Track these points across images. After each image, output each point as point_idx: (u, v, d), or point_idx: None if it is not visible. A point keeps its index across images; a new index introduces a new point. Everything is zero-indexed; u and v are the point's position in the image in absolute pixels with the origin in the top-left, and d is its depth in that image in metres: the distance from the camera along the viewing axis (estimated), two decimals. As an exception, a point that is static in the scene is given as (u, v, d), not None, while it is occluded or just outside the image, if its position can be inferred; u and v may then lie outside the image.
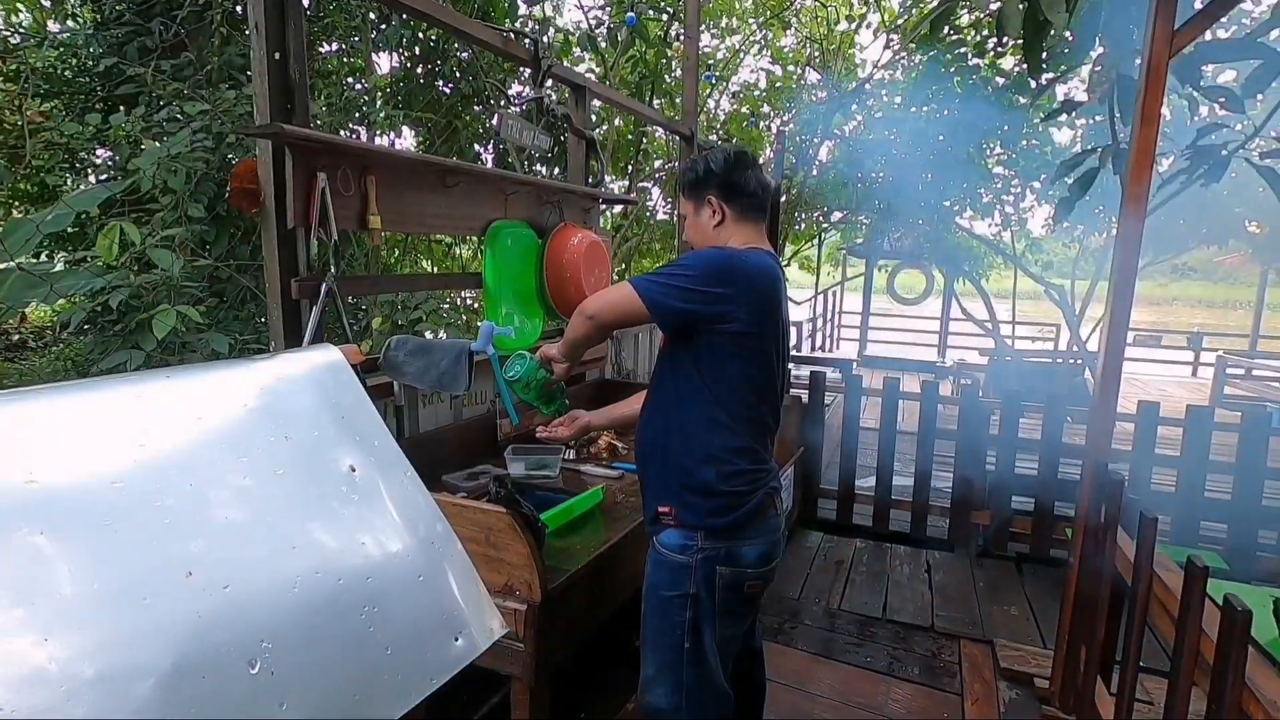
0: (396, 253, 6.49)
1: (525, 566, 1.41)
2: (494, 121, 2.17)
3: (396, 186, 1.88)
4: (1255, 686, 1.16)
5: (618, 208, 6.79)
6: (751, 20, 8.34)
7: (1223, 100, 2.75)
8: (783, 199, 8.61)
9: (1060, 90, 5.78)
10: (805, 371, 4.71)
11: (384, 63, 5.75)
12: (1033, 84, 5.01)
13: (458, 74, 5.42)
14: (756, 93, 8.49)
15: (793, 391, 3.91)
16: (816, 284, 9.95)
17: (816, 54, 8.32)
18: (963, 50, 6.01)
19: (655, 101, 6.76)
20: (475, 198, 2.17)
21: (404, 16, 4.11)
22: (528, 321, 2.43)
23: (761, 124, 8.62)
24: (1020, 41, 2.97)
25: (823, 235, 9.91)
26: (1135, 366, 10.75)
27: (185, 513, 0.55)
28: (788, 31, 8.85)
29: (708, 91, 8.30)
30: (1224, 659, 1.19)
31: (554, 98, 2.52)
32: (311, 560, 0.59)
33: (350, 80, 5.54)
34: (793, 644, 2.71)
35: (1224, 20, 4.64)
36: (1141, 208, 2.05)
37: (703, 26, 8.24)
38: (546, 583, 1.45)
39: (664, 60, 6.38)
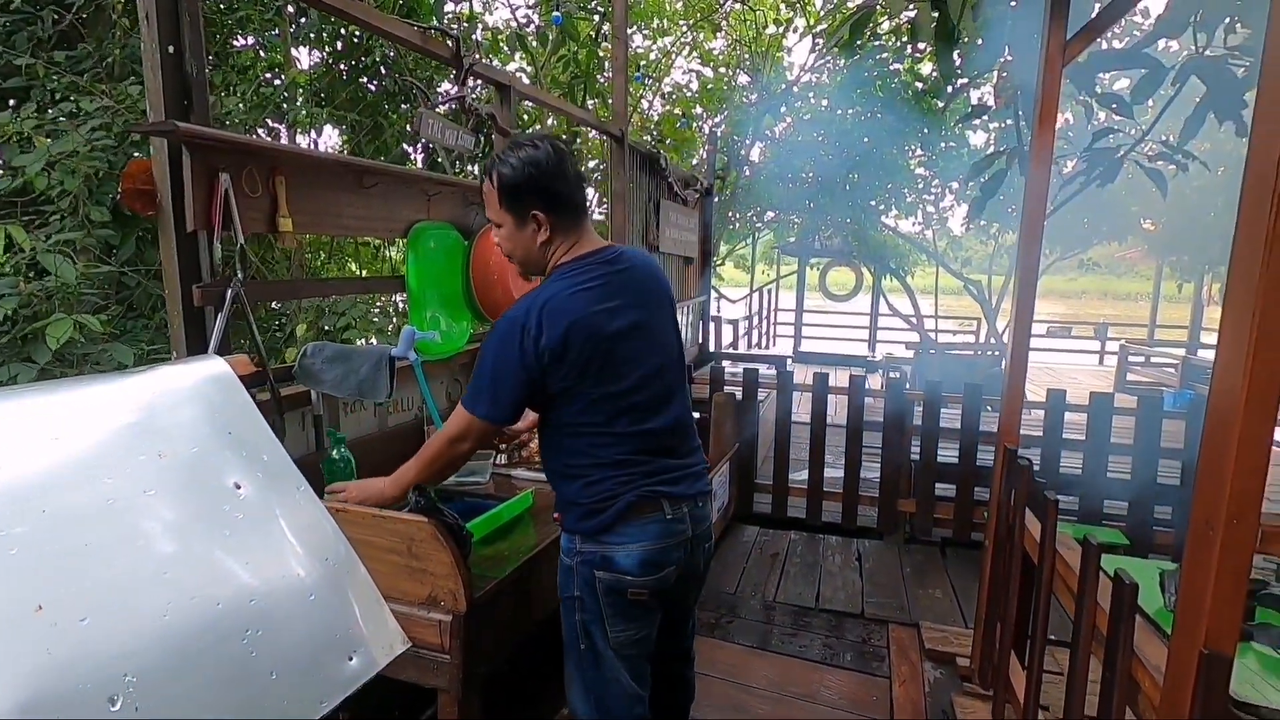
0: (323, 256, 6.26)
1: (449, 576, 1.38)
2: (413, 122, 2.11)
3: (309, 187, 1.81)
4: (1142, 654, 1.25)
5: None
6: (681, 22, 8.42)
7: (1115, 106, 2.94)
8: (716, 199, 8.75)
9: (975, 95, 6.07)
10: (744, 369, 4.79)
11: (305, 58, 5.53)
12: (949, 89, 5.25)
13: (383, 70, 5.26)
14: (688, 94, 8.59)
15: (727, 389, 3.98)
16: (751, 282, 10.14)
17: (746, 57, 8.47)
18: (884, 55, 6.23)
19: (590, 102, 6.74)
20: (395, 199, 2.11)
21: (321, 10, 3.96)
22: (454, 324, 2.38)
23: (694, 125, 8.73)
24: (933, 48, 3.09)
25: (756, 234, 10.11)
26: (1050, 356, 11.39)
27: (36, 542, 0.50)
28: (718, 34, 8.98)
29: (640, 92, 8.35)
30: (1115, 629, 1.28)
31: (477, 97, 2.48)
32: (185, 585, 0.55)
33: (269, 76, 5.30)
34: (730, 638, 2.75)
35: (1117, 31, 4.97)
36: (1041, 206, 2.17)
37: (633, 28, 8.29)
38: (472, 591, 1.42)
39: (596, 60, 6.37)
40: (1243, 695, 1.12)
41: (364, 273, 5.90)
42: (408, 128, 5.20)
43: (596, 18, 6.26)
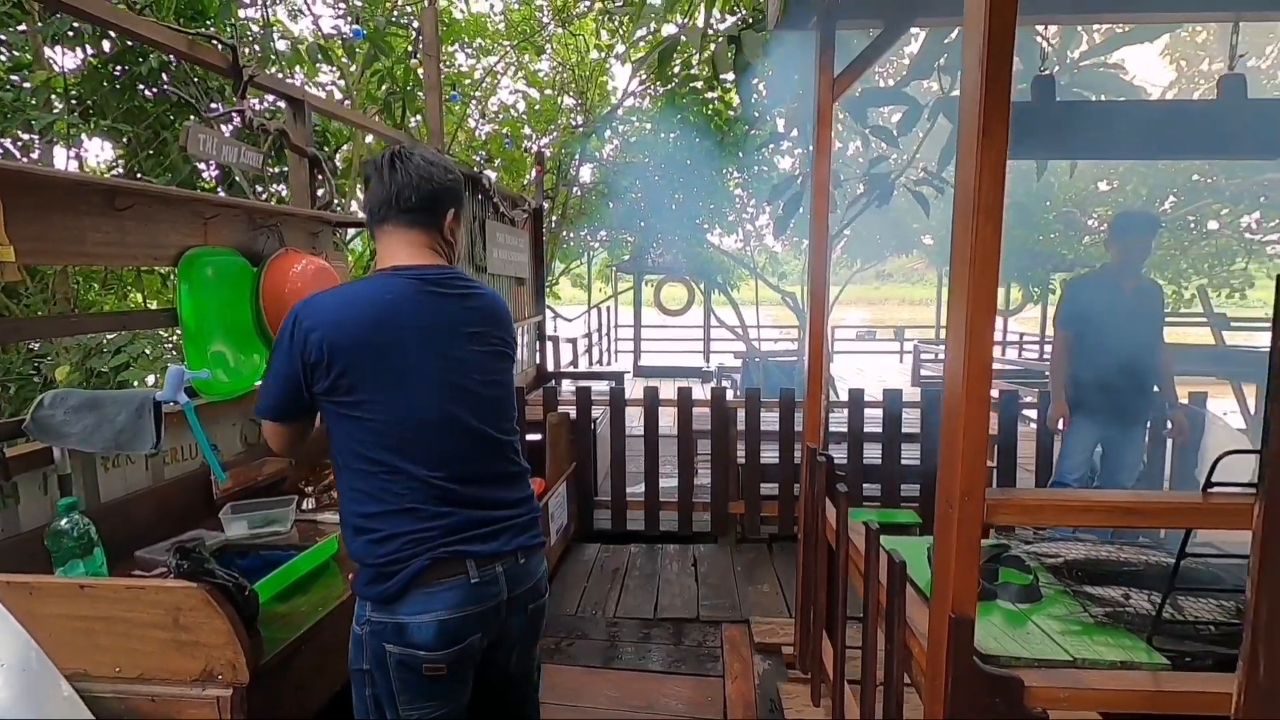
0: (95, 287, 5.45)
1: (226, 645, 1.23)
2: (180, 136, 1.89)
3: (37, 209, 1.55)
4: (913, 623, 1.40)
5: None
6: (505, 43, 8.40)
7: (882, 138, 3.35)
8: (551, 219, 8.80)
9: (781, 123, 6.63)
10: (576, 388, 4.81)
11: (64, 59, 4.80)
12: (756, 116, 5.69)
13: (164, 78, 4.69)
14: (515, 114, 8.57)
15: (562, 408, 3.97)
16: (589, 300, 10.27)
17: (570, 80, 8.62)
18: (697, 84, 6.61)
19: (413, 119, 6.49)
20: (159, 222, 1.87)
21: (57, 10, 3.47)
22: (244, 359, 2.16)
23: (522, 145, 8.72)
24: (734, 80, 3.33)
25: (591, 253, 10.28)
26: (861, 358, 12.67)
27: None
28: (542, 56, 9.07)
29: (465, 111, 8.19)
30: (890, 604, 1.42)
31: (257, 109, 2.28)
32: None
33: (17, 79, 4.54)
34: (572, 661, 2.72)
35: (890, 71, 5.66)
36: (824, 225, 2.40)
37: (454, 46, 8.13)
38: (258, 658, 1.27)
39: (415, 77, 6.16)
40: (988, 649, 1.29)
41: (155, 304, 5.22)
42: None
43: (415, 33, 6.06)
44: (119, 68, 4.67)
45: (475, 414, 1.29)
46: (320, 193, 2.74)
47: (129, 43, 4.50)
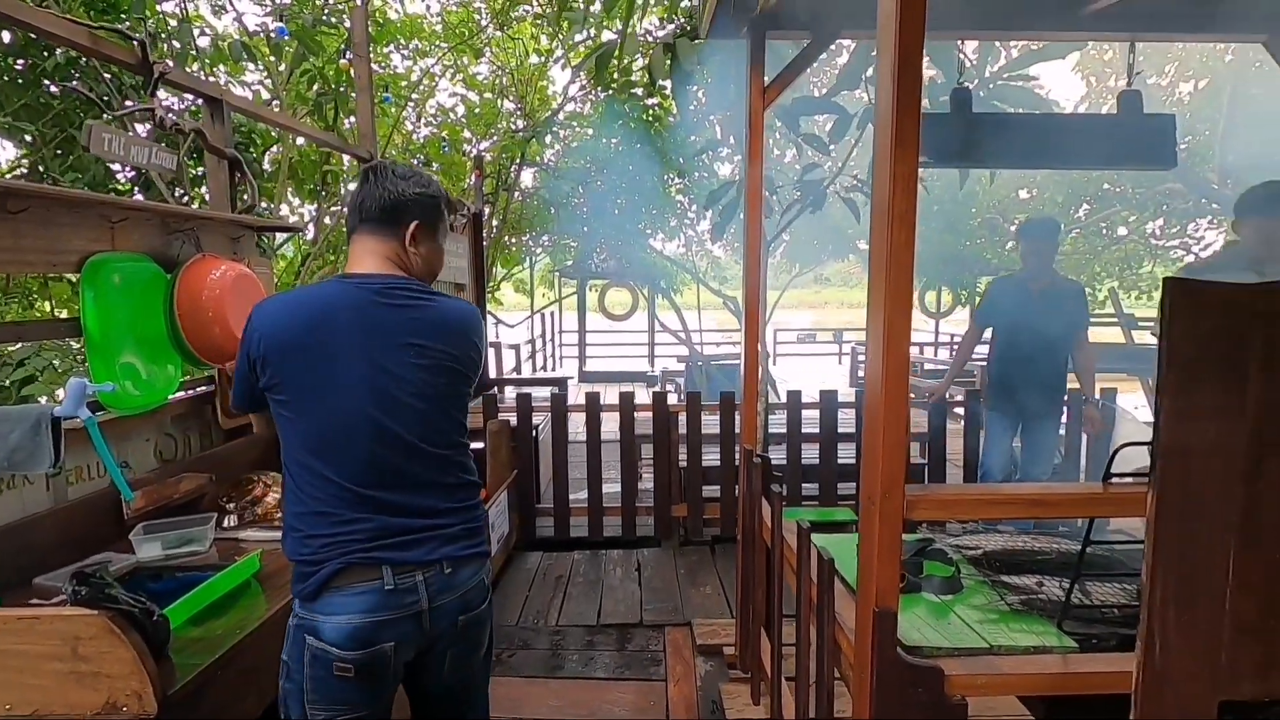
0: (-3, 295, 5.10)
1: (131, 675, 1.16)
2: (82, 136, 1.78)
3: (-84, 213, 1.43)
4: (842, 619, 1.43)
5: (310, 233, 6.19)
6: (441, 44, 8.26)
7: (814, 146, 3.44)
8: (492, 224, 8.68)
9: (719, 129, 6.72)
10: (536, 393, 4.76)
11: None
12: (696, 122, 5.76)
13: (74, 73, 4.42)
14: (453, 118, 8.43)
15: (503, 416, 3.92)
16: (531, 305, 10.19)
17: (508, 84, 8.54)
18: (637, 90, 6.65)
19: (349, 121, 6.29)
20: (59, 226, 1.76)
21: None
22: (157, 370, 2.04)
23: (465, 149, 8.58)
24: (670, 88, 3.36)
25: (533, 258, 10.20)
26: (804, 361, 12.96)
27: None
28: (481, 60, 8.95)
29: (402, 114, 8.01)
30: (820, 600, 1.45)
31: (177, 109, 2.17)
32: None
33: (-103, 71, 4.22)
34: (514, 672, 2.68)
35: (823, 80, 5.81)
36: (758, 230, 2.44)
37: (390, 47, 7.95)
38: (167, 687, 1.21)
39: (348, 77, 5.98)
40: (912, 641, 1.33)
41: (63, 312, 4.90)
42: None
43: (348, 32, 5.88)
44: (20, 61, 4.39)
45: (404, 425, 1.28)
46: (245, 197, 2.64)
47: (32, 35, 4.24)
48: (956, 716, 1.21)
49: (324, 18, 5.07)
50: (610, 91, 6.65)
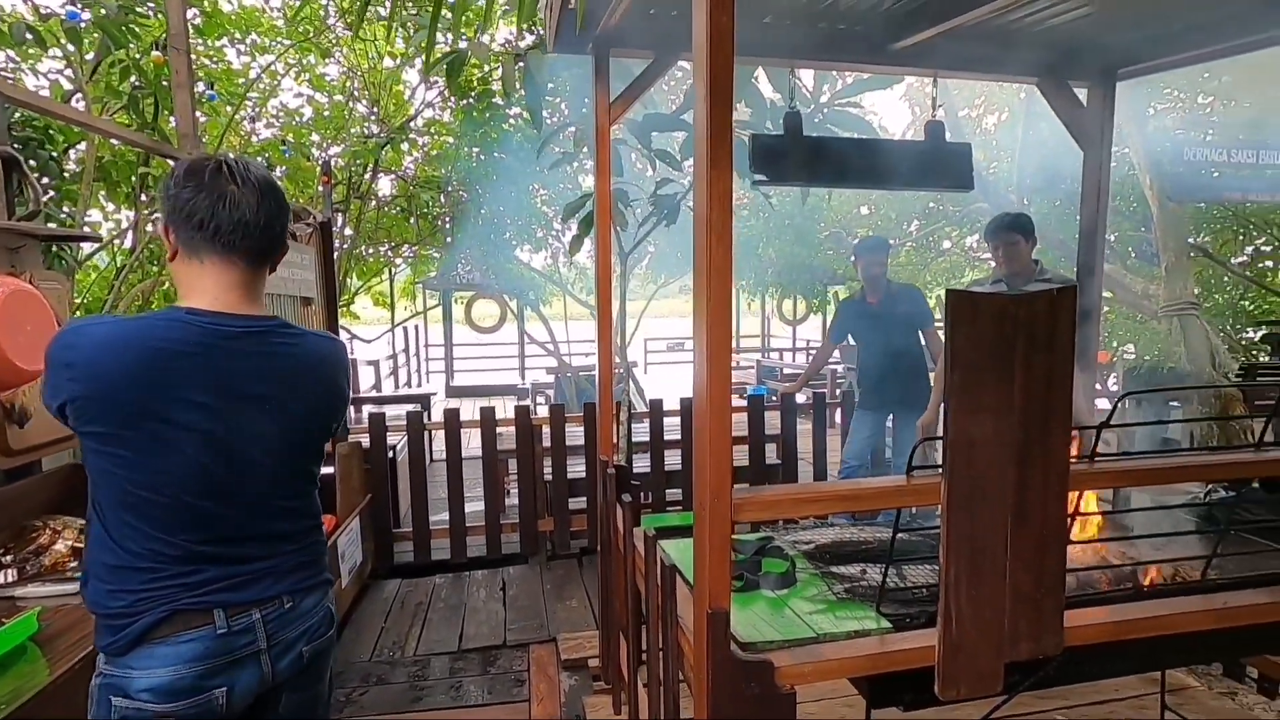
0: None
1: None
2: None
3: None
4: (684, 622, 1.47)
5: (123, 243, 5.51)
6: (284, 41, 7.70)
7: (666, 161, 3.55)
8: (345, 234, 8.18)
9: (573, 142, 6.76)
10: (394, 411, 4.51)
11: None
12: (555, 133, 5.76)
13: None
14: (299, 120, 7.88)
15: (355, 438, 3.69)
16: (392, 319, 9.71)
17: (361, 86, 8.12)
18: (496, 101, 6.56)
19: (174, 119, 5.68)
20: None
21: None
22: (-96, 405, 1.73)
23: (314, 153, 8.04)
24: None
25: (393, 270, 9.73)
26: (677, 369, 13.30)
27: None
28: (330, 60, 8.44)
29: (239, 114, 7.38)
30: (663, 605, 1.48)
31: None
32: None
33: None
34: (366, 711, 2.52)
35: (676, 97, 6.01)
36: (608, 243, 2.48)
37: (221, 40, 7.30)
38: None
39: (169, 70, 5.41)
40: (748, 638, 1.39)
41: None
42: None
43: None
44: None
45: (249, 484, 1.16)
46: (31, 203, 2.31)
47: None
48: (786, 706, 1.28)
49: (133, 6, 4.56)
50: (468, 99, 6.52)
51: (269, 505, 1.21)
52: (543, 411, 4.00)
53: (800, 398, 4.73)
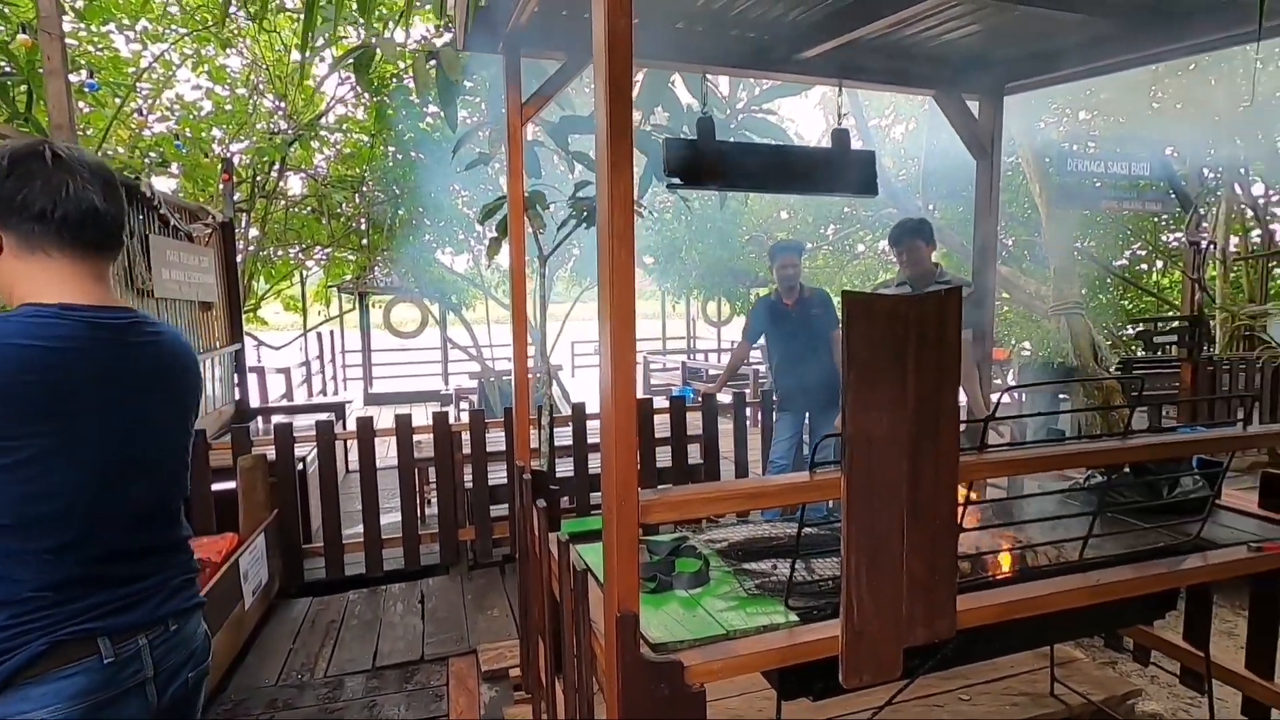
0: None
1: None
2: None
3: None
4: (597, 628, 1.46)
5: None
6: (179, 29, 7.23)
7: (584, 163, 3.54)
8: (249, 235, 7.75)
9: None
10: (306, 421, 4.30)
11: None
12: (481, 134, 5.64)
13: None
14: (196, 115, 7.41)
15: (261, 450, 3.49)
16: (305, 324, 9.28)
17: (265, 80, 7.72)
18: (413, 99, 6.36)
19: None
20: None
21: None
22: None
23: (215, 149, 7.57)
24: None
25: (305, 273, 9.30)
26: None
27: None
28: (231, 51, 7.98)
29: (131, 105, 6.87)
30: (576, 609, 1.47)
31: None
32: None
33: None
34: (271, 738, 2.38)
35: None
36: (521, 246, 2.44)
37: (109, 26, 6.78)
38: None
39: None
40: (659, 639, 1.40)
41: None
42: None
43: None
44: None
45: (145, 490, 1.12)
46: None
47: None
48: (695, 704, 1.29)
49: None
50: (383, 96, 6.31)
51: (161, 513, 1.16)
52: (466, 417, 3.91)
53: (724, 398, 4.82)
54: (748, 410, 4.72)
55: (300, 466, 3.94)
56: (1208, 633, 2.16)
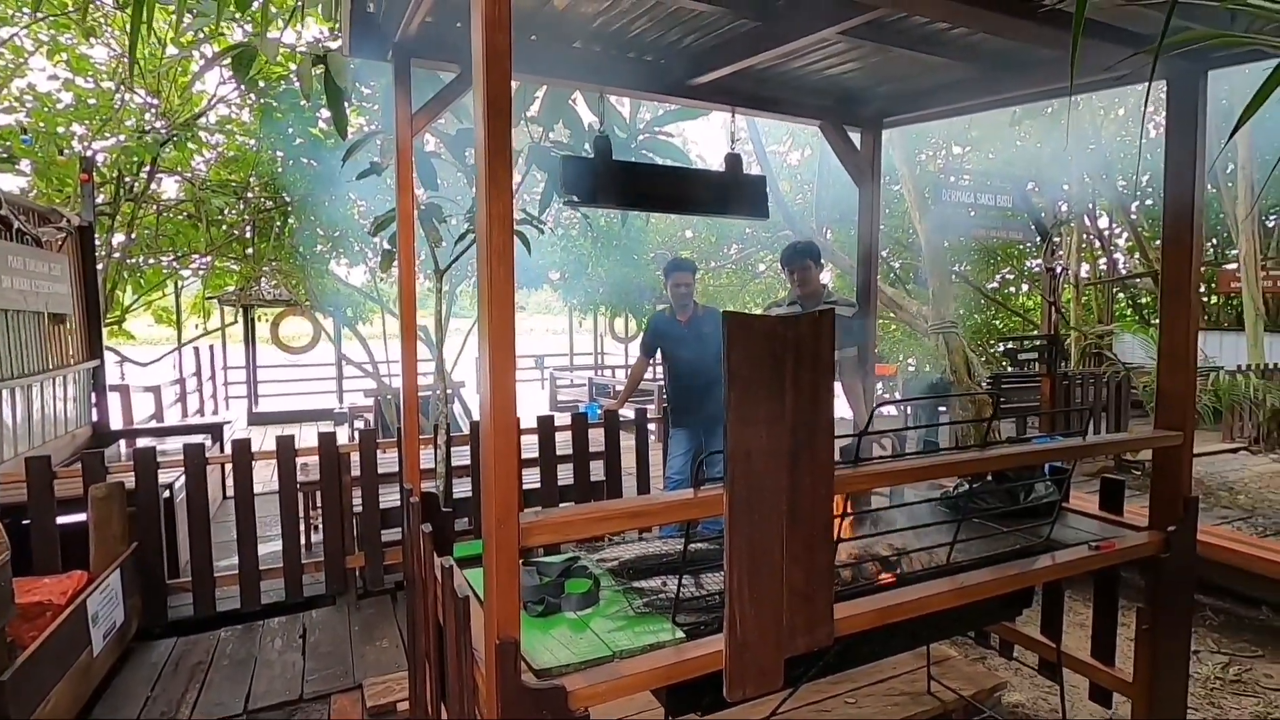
0: None
1: None
2: None
3: None
4: (479, 656, 1.41)
5: None
6: (31, 12, 6.55)
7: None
8: (112, 241, 7.08)
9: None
10: (177, 444, 3.92)
11: None
12: (377, 142, 5.43)
13: None
14: (52, 108, 6.72)
15: (114, 477, 3.16)
16: (179, 338, 8.56)
17: (137, 73, 7.12)
18: (303, 103, 6.05)
19: None
20: None
21: None
22: None
23: (75, 146, 6.88)
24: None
25: (179, 282, 8.59)
26: (522, 387, 13.04)
27: None
28: (97, 41, 7.31)
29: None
30: (458, 639, 1.42)
31: None
32: None
33: None
34: (121, 799, 2.14)
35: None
36: (410, 260, 2.36)
37: (-56, 4, 6.06)
38: None
39: None
40: (544, 664, 1.36)
41: None
42: None
43: None
44: None
45: None
46: None
47: None
48: (579, 729, 1.27)
49: None
50: (269, 100, 5.96)
51: None
52: (347, 439, 3.71)
53: (627, 414, 4.83)
54: (651, 426, 4.75)
55: (167, 494, 3.62)
56: (1060, 626, 2.36)
